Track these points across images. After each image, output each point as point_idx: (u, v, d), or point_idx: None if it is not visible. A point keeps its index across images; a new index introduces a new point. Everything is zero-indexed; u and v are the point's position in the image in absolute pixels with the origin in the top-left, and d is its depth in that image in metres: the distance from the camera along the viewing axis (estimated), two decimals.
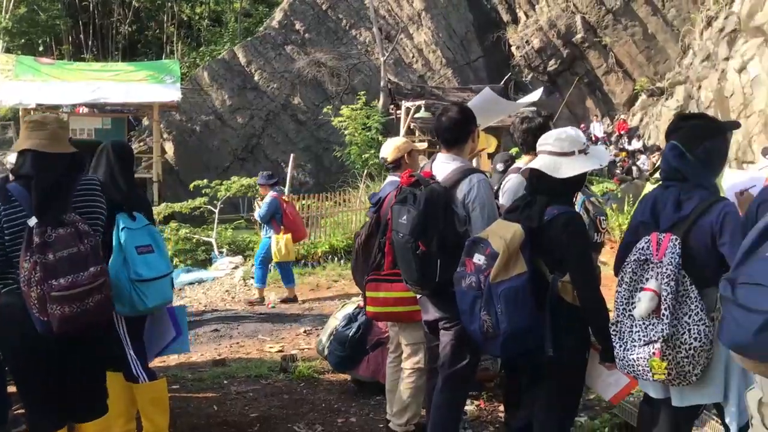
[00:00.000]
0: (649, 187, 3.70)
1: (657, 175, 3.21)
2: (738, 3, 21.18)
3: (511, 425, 3.42)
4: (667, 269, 2.60)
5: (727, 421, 2.73)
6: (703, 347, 2.56)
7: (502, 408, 4.36)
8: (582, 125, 24.57)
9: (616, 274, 2.93)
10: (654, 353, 2.59)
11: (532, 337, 2.83)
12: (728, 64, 21.23)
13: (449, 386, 3.44)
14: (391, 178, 4.33)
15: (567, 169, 2.94)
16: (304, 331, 7.38)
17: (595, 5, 24.99)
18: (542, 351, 2.86)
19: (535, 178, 3.06)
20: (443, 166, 3.53)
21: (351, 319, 4.85)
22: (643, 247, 2.73)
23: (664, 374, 2.61)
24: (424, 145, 4.57)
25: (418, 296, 3.58)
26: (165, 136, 22.60)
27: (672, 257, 2.61)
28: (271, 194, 8.99)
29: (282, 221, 8.88)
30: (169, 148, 22.95)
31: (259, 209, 9.07)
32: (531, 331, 2.81)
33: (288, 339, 7.14)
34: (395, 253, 3.56)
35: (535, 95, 9.47)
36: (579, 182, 3.09)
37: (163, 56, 28.39)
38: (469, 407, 4.51)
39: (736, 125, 3.25)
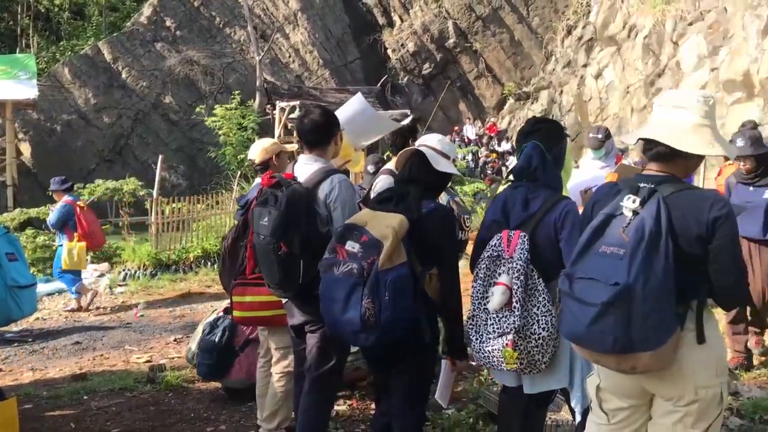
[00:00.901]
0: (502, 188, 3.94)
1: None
2: (594, 14, 22.81)
3: (374, 426, 3.43)
4: (517, 264, 2.74)
5: (572, 404, 2.92)
6: (551, 336, 2.71)
7: (374, 406, 4.39)
8: (456, 127, 25.50)
9: (472, 270, 3.04)
10: (507, 344, 2.72)
11: (408, 327, 2.82)
12: (586, 70, 22.82)
13: (317, 388, 3.41)
14: (260, 179, 4.25)
15: (444, 166, 3.08)
16: (175, 340, 7.09)
17: (466, 11, 25.97)
18: (411, 342, 2.88)
19: (414, 166, 3.10)
20: (305, 167, 3.51)
21: (213, 325, 4.72)
22: (495, 244, 2.86)
23: (516, 363, 2.74)
24: (294, 146, 4.51)
25: (284, 300, 3.54)
26: (21, 136, 20.99)
27: (521, 253, 2.75)
28: (64, 200, 8.63)
29: (75, 228, 8.51)
30: (26, 149, 21.31)
31: (50, 215, 8.66)
32: (408, 321, 2.80)
33: (157, 348, 6.82)
34: (257, 255, 3.49)
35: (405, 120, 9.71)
36: (443, 185, 3.26)
37: (17, 50, 26.23)
38: (341, 407, 4.52)
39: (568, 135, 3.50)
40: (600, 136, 5.69)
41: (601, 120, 21.54)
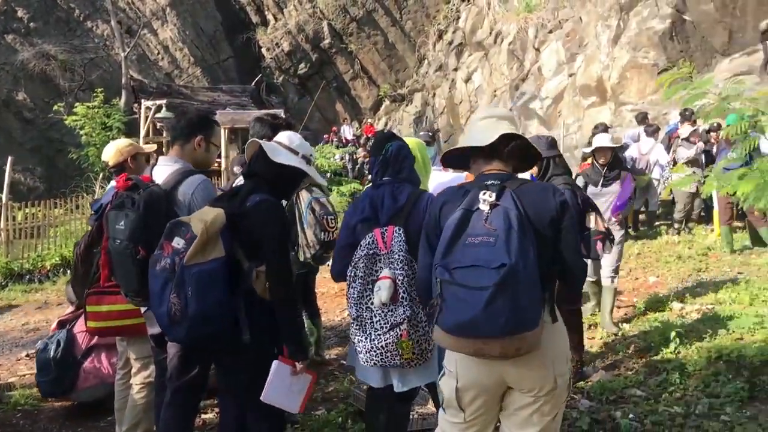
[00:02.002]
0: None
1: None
2: (463, 19, 23.69)
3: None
4: (398, 256, 2.78)
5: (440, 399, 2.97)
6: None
7: None
8: (334, 128, 25.56)
9: (336, 277, 3.02)
10: (401, 335, 2.74)
11: (219, 324, 2.76)
12: (457, 74, 23.67)
13: (179, 398, 3.27)
14: (115, 182, 4.02)
15: (284, 158, 3.00)
16: (27, 355, 6.53)
17: (341, 13, 26.11)
18: (232, 340, 2.82)
19: (254, 160, 3.05)
20: (164, 168, 3.37)
21: (47, 342, 4.45)
22: (369, 243, 2.87)
23: (410, 354, 2.77)
24: (153, 147, 4.27)
25: (143, 309, 3.37)
26: None
27: (400, 245, 2.80)
28: None
29: None
30: None
31: None
32: (219, 317, 2.74)
33: (6, 366, 6.26)
34: (112, 262, 3.30)
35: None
36: (292, 181, 3.11)
37: None
38: (209, 415, 4.38)
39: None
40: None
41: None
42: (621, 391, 4.24)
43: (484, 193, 2.25)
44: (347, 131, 25.60)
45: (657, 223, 10.06)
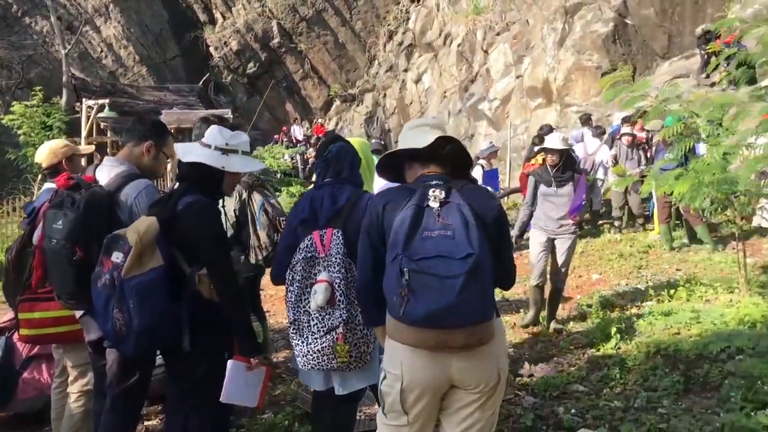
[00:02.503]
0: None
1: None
2: (412, 21, 23.83)
3: None
4: (336, 259, 2.76)
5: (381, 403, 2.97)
6: None
7: None
8: (284, 128, 25.35)
9: (275, 279, 2.99)
10: (337, 338, 2.72)
11: (166, 334, 2.73)
12: (407, 75, 23.80)
13: (119, 406, 3.18)
14: (48, 185, 3.88)
15: (193, 155, 2.94)
16: None
17: (290, 12, 25.91)
18: (179, 348, 2.77)
19: (182, 162, 3.01)
20: (108, 169, 3.28)
21: None
22: (307, 245, 2.84)
23: (347, 357, 2.75)
24: (91, 148, 4.14)
25: (79, 315, 3.26)
26: None
27: (338, 248, 2.78)
28: None
29: None
30: None
31: None
32: (165, 327, 2.71)
33: None
34: (47, 263, 3.19)
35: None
36: (211, 178, 2.94)
37: None
38: (152, 422, 4.27)
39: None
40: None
41: None
42: (564, 387, 4.33)
43: (433, 191, 2.28)
44: (297, 131, 25.42)
45: (600, 222, 10.31)
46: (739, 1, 14.36)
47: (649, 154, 9.18)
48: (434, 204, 2.25)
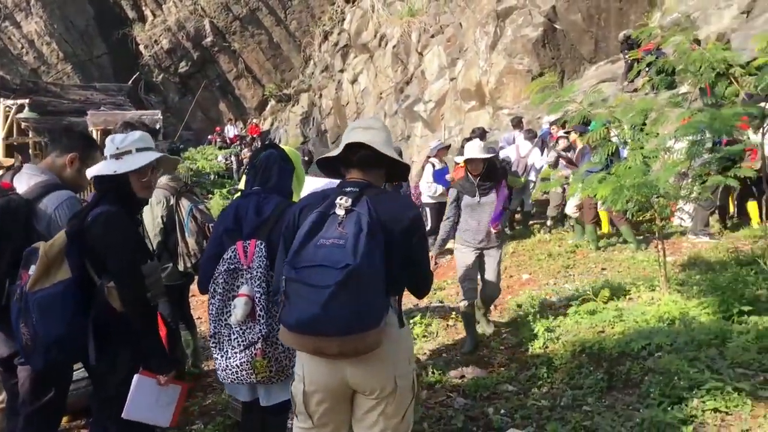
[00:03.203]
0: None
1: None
2: (348, 21, 23.81)
3: None
4: (257, 272, 2.71)
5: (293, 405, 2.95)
6: None
7: None
8: (217, 128, 24.89)
9: (202, 289, 2.93)
10: (255, 354, 2.69)
11: (77, 346, 2.66)
12: (343, 75, 23.77)
13: (33, 424, 3.05)
14: None
15: (92, 171, 2.91)
16: None
17: (223, 11, 25.45)
18: (87, 361, 2.70)
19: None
20: (27, 178, 3.15)
21: None
22: (230, 256, 2.79)
23: (266, 372, 2.71)
24: (10, 161, 3.96)
25: None
26: None
27: (260, 261, 2.73)
28: None
29: None
30: None
31: None
32: (74, 340, 2.64)
33: None
34: None
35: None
36: (114, 187, 2.83)
37: None
38: None
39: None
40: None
41: None
42: (494, 387, 4.41)
43: (341, 198, 2.32)
44: (231, 131, 25.02)
45: (531, 222, 10.56)
46: (659, 8, 15.00)
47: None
48: (340, 212, 2.29)
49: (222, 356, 2.79)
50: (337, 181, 4.01)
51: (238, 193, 3.18)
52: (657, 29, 13.23)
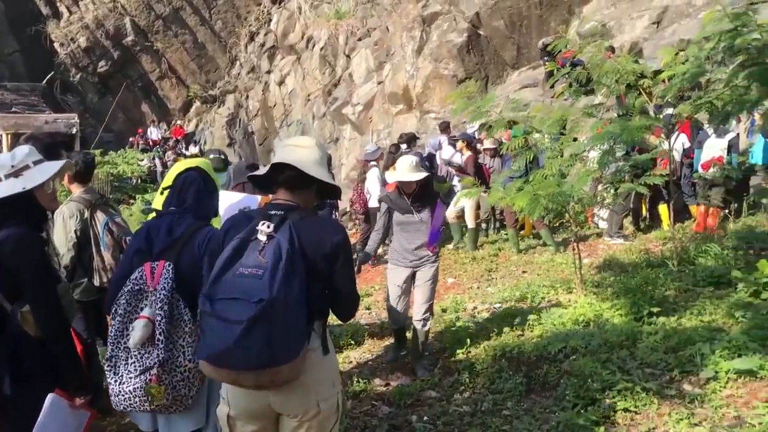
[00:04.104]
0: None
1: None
2: (274, 23, 23.56)
3: None
4: (161, 295, 2.64)
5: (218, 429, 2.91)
6: (197, 368, 2.62)
7: None
8: (140, 130, 24.13)
9: (108, 310, 2.83)
10: (150, 379, 2.60)
11: None
12: (270, 77, 23.49)
13: None
14: None
15: None
16: None
17: (145, 9, 24.67)
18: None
19: None
20: None
21: None
22: (136, 277, 2.71)
23: (163, 400, 2.64)
24: None
25: None
26: None
27: (165, 282, 2.66)
28: None
29: None
30: None
31: None
32: None
33: None
34: None
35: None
36: (23, 205, 2.67)
37: None
38: None
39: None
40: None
41: (286, 126, 22.42)
42: (418, 394, 4.48)
43: (263, 224, 2.29)
44: (154, 133, 24.30)
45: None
46: (578, 17, 15.57)
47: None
48: (262, 238, 2.27)
49: (116, 381, 2.69)
50: (255, 198, 4.01)
51: (153, 213, 3.10)
52: (573, 39, 13.74)
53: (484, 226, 10.21)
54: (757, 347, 4.03)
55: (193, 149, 23.29)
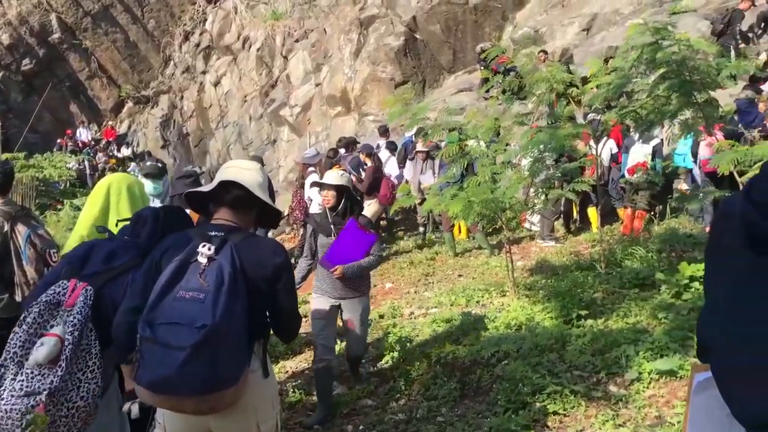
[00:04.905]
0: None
1: None
2: (209, 22, 23.14)
3: None
4: (76, 318, 2.45)
5: None
6: (87, 409, 2.42)
7: None
8: (68, 131, 23.25)
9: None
10: (38, 406, 2.33)
11: None
12: (205, 77, 23.06)
13: None
14: None
15: None
16: None
17: (72, 6, 23.79)
18: None
19: None
20: None
21: None
22: (58, 291, 2.53)
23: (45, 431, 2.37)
24: None
25: None
26: None
27: (82, 306, 2.48)
28: None
29: None
30: None
31: None
32: None
33: None
34: None
35: None
36: None
37: None
38: None
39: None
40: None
41: (222, 127, 22.05)
42: (354, 403, 4.49)
43: (204, 246, 2.26)
44: (84, 134, 23.48)
45: (395, 229, 10.82)
46: (512, 22, 15.94)
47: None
48: (202, 260, 2.23)
49: None
50: (184, 212, 3.91)
51: (105, 234, 2.98)
52: (507, 45, 14.06)
53: (421, 229, 10.29)
54: (677, 347, 4.21)
55: (126, 151, 22.62)
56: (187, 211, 3.84)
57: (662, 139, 8.16)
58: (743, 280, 1.52)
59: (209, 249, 2.24)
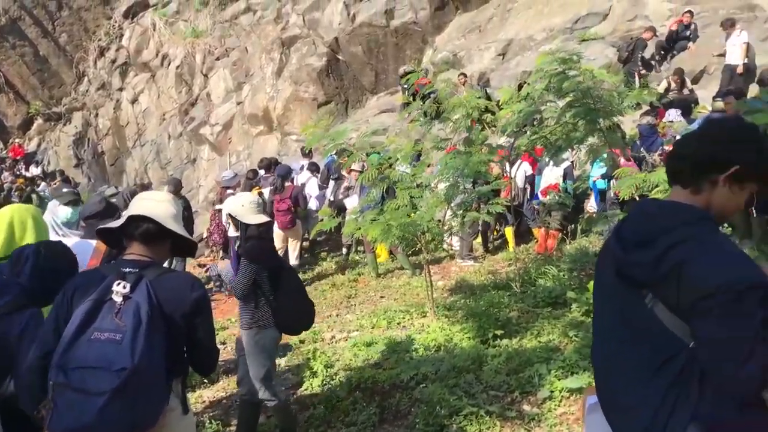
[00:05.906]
0: None
1: None
2: (126, 38, 22.50)
3: None
4: None
5: None
6: None
7: None
8: None
9: None
10: None
11: None
12: (122, 94, 22.38)
13: None
14: None
15: None
16: None
17: None
18: None
19: None
20: None
21: None
22: None
23: None
24: None
25: None
26: None
27: None
28: None
29: None
30: None
31: None
32: None
33: None
34: None
35: None
36: None
37: None
38: None
39: None
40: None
41: (139, 146, 21.41)
42: None
43: (119, 284, 2.20)
44: None
45: (318, 250, 10.78)
46: (431, 46, 16.30)
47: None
48: (117, 299, 2.17)
49: None
50: (89, 243, 3.78)
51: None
52: (428, 68, 14.36)
53: (344, 250, 10.30)
54: (587, 365, 4.37)
55: (35, 170, 21.57)
56: (93, 243, 3.74)
57: (572, 162, 8.54)
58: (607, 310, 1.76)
59: (124, 287, 2.18)
